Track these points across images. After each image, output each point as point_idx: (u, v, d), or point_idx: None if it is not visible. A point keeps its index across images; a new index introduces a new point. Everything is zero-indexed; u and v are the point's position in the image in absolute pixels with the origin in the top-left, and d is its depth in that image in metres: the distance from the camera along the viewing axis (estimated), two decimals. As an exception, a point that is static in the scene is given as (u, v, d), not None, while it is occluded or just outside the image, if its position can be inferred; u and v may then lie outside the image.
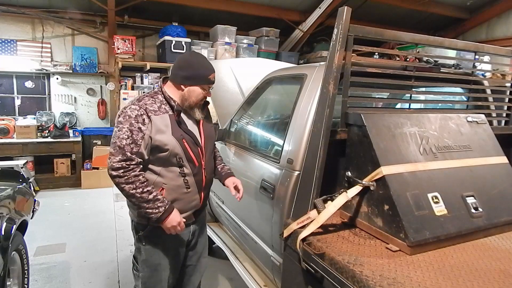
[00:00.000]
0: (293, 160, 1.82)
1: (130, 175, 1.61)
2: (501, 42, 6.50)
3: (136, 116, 1.64)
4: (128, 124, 1.63)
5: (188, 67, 1.75)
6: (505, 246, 1.40)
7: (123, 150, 1.61)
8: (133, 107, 1.67)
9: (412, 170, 1.45)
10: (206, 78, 1.76)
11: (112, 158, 1.61)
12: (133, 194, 1.62)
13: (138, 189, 1.62)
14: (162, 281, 1.86)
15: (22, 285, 2.37)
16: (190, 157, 1.77)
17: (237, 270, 2.43)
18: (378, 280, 1.13)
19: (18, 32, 5.88)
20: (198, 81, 1.75)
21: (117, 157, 1.60)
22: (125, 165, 1.60)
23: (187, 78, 1.74)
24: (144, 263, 1.85)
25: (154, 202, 1.64)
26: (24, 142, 5.42)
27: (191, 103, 1.77)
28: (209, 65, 1.80)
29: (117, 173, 1.60)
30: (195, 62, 1.77)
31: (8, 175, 2.94)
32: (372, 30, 1.62)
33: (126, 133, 1.62)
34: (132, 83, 6.28)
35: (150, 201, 1.63)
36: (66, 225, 4.19)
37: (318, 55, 6.68)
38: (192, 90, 1.76)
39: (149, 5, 5.93)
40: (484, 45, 2.01)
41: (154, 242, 1.82)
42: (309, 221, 1.45)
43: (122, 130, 1.62)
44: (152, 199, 1.64)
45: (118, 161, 1.60)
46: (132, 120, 1.63)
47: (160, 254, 1.83)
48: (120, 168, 1.60)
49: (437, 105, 2.30)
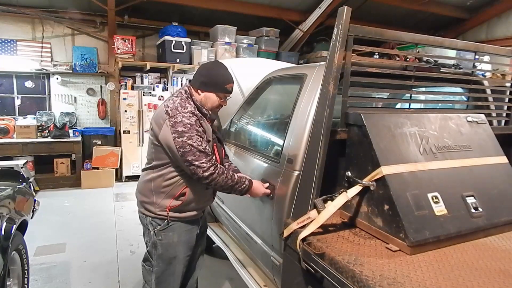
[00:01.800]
0: (293, 160, 1.82)
1: (218, 168, 1.78)
2: (501, 42, 6.50)
3: (195, 122, 1.78)
4: (195, 131, 1.76)
5: (207, 74, 1.89)
6: (505, 246, 1.40)
7: (205, 152, 1.75)
8: (186, 115, 1.77)
9: (412, 170, 1.45)
10: (223, 86, 1.88)
11: (198, 163, 1.72)
12: (227, 181, 1.81)
13: (228, 175, 1.82)
14: (175, 274, 1.95)
15: (22, 285, 2.37)
16: (217, 159, 1.93)
17: (237, 270, 2.43)
18: (378, 280, 1.13)
19: (18, 32, 5.89)
20: (215, 89, 1.87)
21: (204, 159, 1.73)
22: (213, 162, 1.77)
23: (204, 84, 1.87)
24: (160, 258, 1.94)
25: (240, 179, 1.86)
26: (24, 142, 5.43)
27: (207, 108, 1.89)
28: (229, 75, 1.91)
29: (209, 172, 1.74)
30: (215, 70, 1.91)
31: (8, 175, 2.94)
32: (372, 30, 1.62)
33: (198, 139, 1.75)
34: (132, 83, 6.29)
35: (238, 181, 1.85)
36: (66, 225, 4.19)
37: (318, 55, 6.69)
38: (209, 96, 1.88)
39: (149, 5, 5.94)
40: (484, 45, 2.01)
41: (170, 236, 1.91)
42: (309, 221, 1.45)
43: (193, 138, 1.74)
44: (238, 178, 1.86)
45: (206, 161, 1.74)
46: (195, 126, 1.77)
47: (176, 247, 1.92)
48: (211, 166, 1.75)
49: (437, 105, 2.30)
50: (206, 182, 1.77)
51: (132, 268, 3.16)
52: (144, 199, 1.93)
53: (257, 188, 1.91)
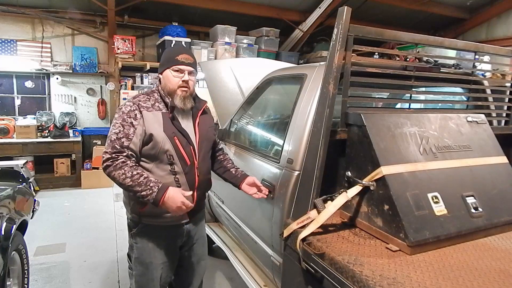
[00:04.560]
0: (293, 160, 1.82)
1: (118, 162, 1.62)
2: (501, 42, 6.50)
3: (128, 112, 1.69)
4: (121, 120, 1.68)
5: (162, 56, 1.84)
6: (505, 246, 1.40)
7: (114, 143, 1.64)
8: (127, 104, 1.73)
9: (412, 170, 1.45)
10: (173, 58, 1.76)
11: (104, 151, 1.66)
12: (124, 179, 1.59)
13: (128, 173, 1.60)
14: (154, 280, 1.85)
15: (22, 285, 2.37)
16: (182, 155, 1.76)
17: (237, 270, 2.43)
18: (378, 280, 1.13)
19: (18, 32, 5.88)
20: (167, 64, 1.79)
21: (108, 150, 1.64)
22: (114, 156, 1.63)
23: (160, 66, 1.82)
24: (137, 261, 1.85)
25: (146, 184, 1.59)
26: (24, 142, 5.42)
27: (169, 90, 1.78)
28: (180, 48, 1.88)
29: (106, 163, 1.63)
30: (167, 50, 1.85)
31: (8, 175, 2.94)
32: (372, 30, 1.62)
33: (118, 128, 1.66)
34: (132, 83, 6.28)
35: (142, 184, 1.59)
36: (66, 225, 4.19)
37: (318, 55, 6.68)
38: (165, 75, 1.79)
39: (149, 5, 5.93)
40: (484, 45, 2.01)
41: (145, 241, 1.82)
42: (309, 221, 1.45)
43: (116, 125, 1.68)
44: (144, 180, 1.59)
45: (108, 153, 1.63)
46: (125, 116, 1.68)
47: (151, 252, 1.82)
48: (110, 158, 1.62)
49: (437, 105, 2.30)
50: (106, 175, 1.64)
51: (132, 268, 3.17)
52: (124, 198, 1.87)
53: (172, 200, 1.58)
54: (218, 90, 3.12)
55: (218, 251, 3.08)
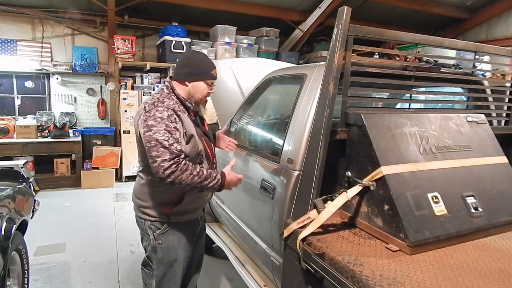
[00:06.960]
0: (293, 160, 1.82)
1: (181, 165, 1.61)
2: (501, 42, 6.50)
3: (168, 117, 1.67)
4: (164, 126, 1.64)
5: (190, 64, 1.83)
6: (505, 246, 1.40)
7: (169, 149, 1.61)
8: (160, 109, 1.67)
9: (412, 170, 1.45)
10: (209, 73, 1.84)
11: (159, 159, 1.59)
12: (193, 178, 1.64)
13: (194, 171, 1.65)
14: (176, 277, 1.93)
15: (22, 285, 2.37)
16: (208, 154, 1.90)
17: (237, 270, 2.43)
18: (378, 280, 1.13)
19: (18, 32, 5.88)
20: (202, 76, 1.82)
21: (166, 156, 1.59)
22: (176, 160, 1.61)
23: (190, 74, 1.81)
24: (160, 261, 1.91)
25: (210, 175, 1.71)
26: (24, 142, 5.43)
27: (197, 99, 1.84)
28: (211, 61, 1.88)
29: (170, 170, 1.59)
30: (197, 58, 1.86)
31: (8, 175, 2.94)
32: (372, 30, 1.62)
33: (165, 134, 1.62)
34: (132, 83, 6.29)
35: (208, 177, 1.70)
36: (66, 225, 4.19)
37: (318, 55, 6.68)
38: (197, 86, 1.82)
39: (149, 5, 5.93)
40: (484, 45, 2.01)
41: (171, 238, 1.88)
42: (309, 221, 1.45)
43: (160, 132, 1.62)
44: (207, 173, 1.70)
45: (168, 160, 1.59)
46: (166, 121, 1.65)
47: (176, 249, 1.90)
48: (173, 164, 1.59)
49: (437, 105, 2.30)
50: (169, 182, 1.60)
51: (132, 268, 3.16)
52: (141, 203, 1.88)
53: (231, 180, 1.79)
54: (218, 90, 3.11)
55: (218, 251, 3.09)
